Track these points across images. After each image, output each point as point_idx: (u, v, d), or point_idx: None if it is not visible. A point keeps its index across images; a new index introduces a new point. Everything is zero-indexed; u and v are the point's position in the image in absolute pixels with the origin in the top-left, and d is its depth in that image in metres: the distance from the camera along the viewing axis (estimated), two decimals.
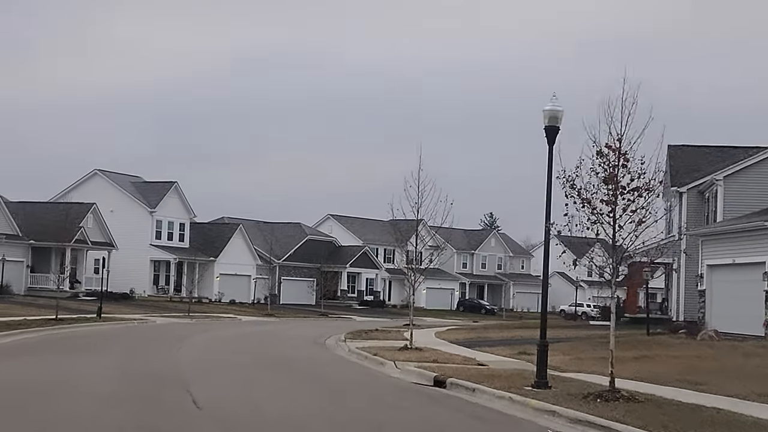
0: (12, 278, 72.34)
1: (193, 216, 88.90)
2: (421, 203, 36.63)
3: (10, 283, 68.60)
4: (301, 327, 60.80)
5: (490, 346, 38.63)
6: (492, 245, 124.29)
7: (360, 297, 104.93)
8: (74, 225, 76.45)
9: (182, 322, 57.82)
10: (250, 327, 56.21)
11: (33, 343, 34.32)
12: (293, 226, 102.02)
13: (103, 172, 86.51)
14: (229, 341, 39.87)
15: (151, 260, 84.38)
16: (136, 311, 64.97)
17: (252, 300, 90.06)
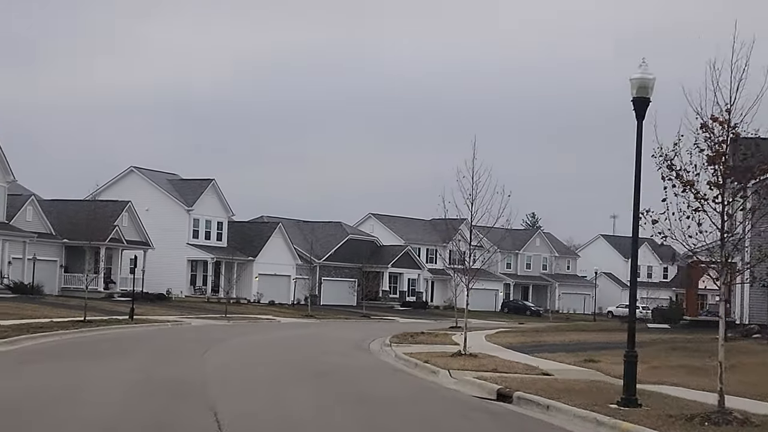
0: (45, 278, 69.74)
1: (231, 214, 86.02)
2: (476, 194, 32.80)
3: (42, 284, 65.98)
4: (342, 329, 57.61)
5: (549, 351, 35.16)
6: (537, 245, 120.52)
7: (402, 298, 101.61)
8: (109, 223, 73.80)
9: (218, 324, 54.81)
10: (289, 330, 53.09)
11: (55, 347, 31.35)
12: (334, 225, 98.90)
13: (138, 169, 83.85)
14: (265, 346, 36.69)
15: (188, 260, 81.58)
16: (171, 312, 62.08)
17: (291, 301, 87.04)
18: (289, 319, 67.29)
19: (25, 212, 69.62)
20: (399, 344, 39.61)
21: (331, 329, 56.74)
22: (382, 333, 53.38)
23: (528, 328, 63.71)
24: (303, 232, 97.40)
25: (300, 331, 51.25)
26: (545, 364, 28.90)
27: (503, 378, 24.17)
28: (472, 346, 39.10)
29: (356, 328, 61.36)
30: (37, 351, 29.47)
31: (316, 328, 58.32)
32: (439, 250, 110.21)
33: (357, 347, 39.56)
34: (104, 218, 74.22)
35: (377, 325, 68.80)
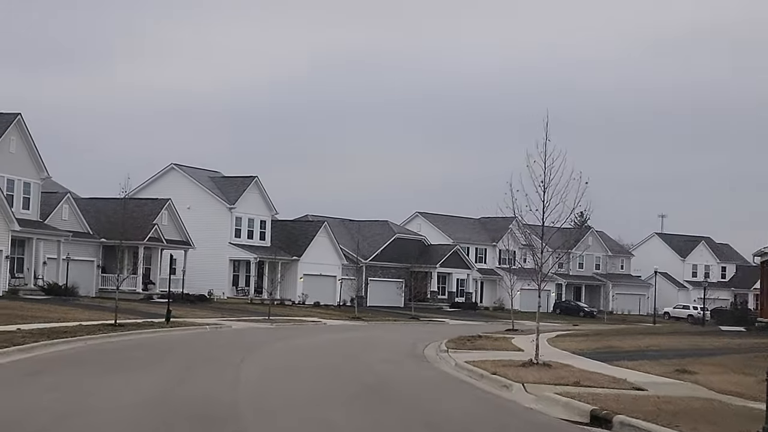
0: (81, 279, 66.45)
1: (275, 213, 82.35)
2: (549, 181, 28.61)
3: (77, 285, 62.61)
4: (392, 332, 53.68)
5: (628, 359, 30.91)
6: (589, 244, 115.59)
7: (451, 299, 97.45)
8: (148, 222, 70.46)
9: (261, 328, 51.09)
10: (336, 333, 49.22)
11: (74, 356, 27.69)
12: (380, 224, 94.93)
13: (179, 166, 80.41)
14: (309, 352, 32.78)
15: (230, 260, 78.00)
16: (212, 315, 58.48)
17: (337, 302, 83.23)
18: (335, 322, 63.49)
19: (61, 210, 66.41)
20: (457, 350, 35.62)
21: (380, 332, 52.84)
22: (435, 337, 49.47)
23: (589, 331, 59.41)
24: (349, 231, 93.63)
25: (347, 335, 47.37)
26: (631, 376, 24.74)
27: (591, 395, 20.10)
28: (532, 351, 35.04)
29: (406, 330, 57.43)
30: (51, 360, 25.80)
31: (364, 330, 54.45)
32: (489, 250, 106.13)
33: (411, 354, 35.60)
34: (143, 217, 70.94)
35: (427, 327, 64.83)
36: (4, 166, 59.25)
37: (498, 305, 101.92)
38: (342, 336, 46.13)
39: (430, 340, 45.73)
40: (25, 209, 61.39)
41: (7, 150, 59.94)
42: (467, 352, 34.63)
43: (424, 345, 41.20)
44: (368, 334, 49.59)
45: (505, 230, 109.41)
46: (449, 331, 59.03)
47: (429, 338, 47.78)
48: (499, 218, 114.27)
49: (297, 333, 47.18)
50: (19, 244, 60.62)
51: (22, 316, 42.87)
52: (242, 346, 33.56)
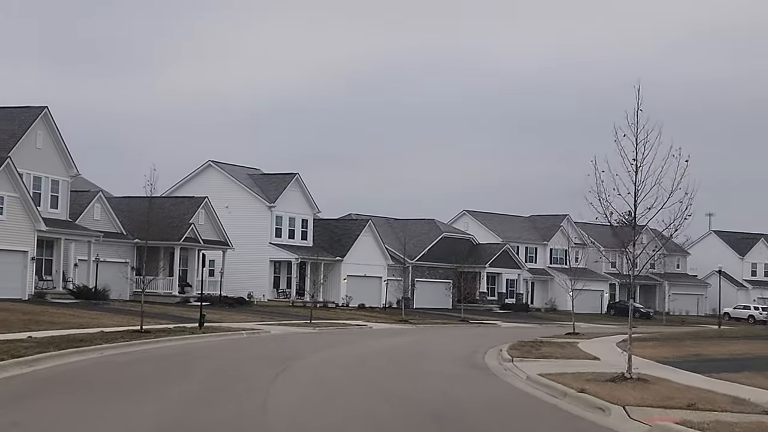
0: (114, 281, 62.48)
1: (317, 211, 77.98)
2: (643, 158, 23.87)
3: (109, 287, 58.52)
4: (443, 337, 49.08)
5: (729, 370, 26.12)
6: (643, 242, 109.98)
7: (501, 300, 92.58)
8: (184, 222, 66.43)
9: (302, 333, 46.71)
10: (383, 338, 44.65)
11: (81, 371, 23.44)
12: (427, 223, 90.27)
13: (217, 163, 76.29)
14: (356, 364, 28.24)
15: (270, 260, 73.71)
16: (250, 318, 54.24)
17: (383, 304, 78.72)
18: (381, 325, 58.99)
19: (93, 210, 62.51)
20: (522, 358, 30.98)
21: (431, 337, 48.24)
22: (491, 341, 44.89)
23: (657, 334, 54.36)
24: (394, 231, 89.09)
25: (396, 340, 42.82)
26: (751, 393, 20.00)
27: (718, 423, 15.48)
28: (613, 360, 30.35)
29: (458, 334, 52.81)
30: (49, 378, 21.49)
31: (414, 335, 49.89)
32: (539, 249, 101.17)
33: (470, 363, 31.02)
34: (179, 216, 66.96)
35: (480, 330, 60.16)
36: (31, 162, 55.37)
37: (550, 306, 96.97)
38: (391, 342, 41.60)
39: (487, 345, 41.16)
40: (54, 208, 57.51)
41: (34, 145, 56.08)
42: (535, 361, 30.04)
43: (483, 352, 36.67)
44: (419, 340, 45.04)
45: (556, 228, 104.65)
46: (504, 335, 54.37)
47: (485, 343, 43.21)
48: (550, 216, 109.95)
49: (341, 338, 42.73)
50: (47, 246, 56.76)
51: (41, 322, 38.84)
52: (279, 357, 29.11)
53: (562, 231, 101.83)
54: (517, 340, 42.10)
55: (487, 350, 38.05)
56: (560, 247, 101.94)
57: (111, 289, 58.58)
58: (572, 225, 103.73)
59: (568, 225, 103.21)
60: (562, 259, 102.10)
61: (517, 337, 50.14)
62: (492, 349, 38.40)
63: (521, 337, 49.35)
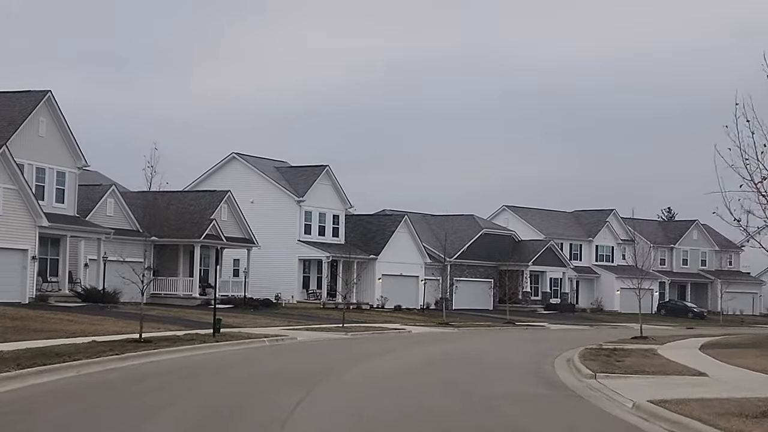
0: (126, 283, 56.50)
1: (349, 206, 71.59)
2: None
3: (120, 289, 52.36)
4: (494, 342, 42.54)
5: None
6: (694, 238, 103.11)
7: (545, 300, 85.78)
8: (204, 217, 60.33)
9: (332, 339, 40.40)
10: (427, 346, 38.16)
11: (30, 401, 17.22)
12: (465, 219, 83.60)
13: (241, 155, 70.07)
14: (398, 385, 21.73)
15: (299, 259, 67.37)
16: (276, 323, 48.04)
17: (420, 305, 72.24)
18: (421, 329, 52.57)
19: (105, 205, 56.50)
20: (606, 373, 24.41)
21: (481, 343, 41.68)
22: (551, 347, 38.55)
23: (738, 338, 47.47)
24: (431, 227, 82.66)
25: (442, 348, 36.36)
26: None
27: None
28: (724, 376, 23.80)
29: (509, 339, 46.28)
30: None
31: (459, 340, 43.37)
32: (584, 245, 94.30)
33: (542, 379, 24.54)
34: (199, 211, 60.91)
35: (530, 334, 53.62)
36: (33, 152, 49.45)
37: (596, 307, 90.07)
38: (436, 350, 35.13)
39: (549, 353, 34.79)
40: (59, 202, 51.54)
41: (36, 133, 50.13)
42: (624, 378, 23.52)
43: (549, 362, 30.26)
44: (467, 346, 38.53)
45: (602, 224, 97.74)
46: (560, 339, 47.84)
47: (545, 350, 36.79)
48: (595, 211, 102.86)
49: (378, 346, 36.32)
50: (52, 244, 50.83)
51: (27, 330, 32.86)
52: (302, 375, 22.74)
53: (608, 227, 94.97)
54: (582, 347, 35.66)
55: (555, 359, 31.65)
56: (606, 244, 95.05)
57: (123, 291, 52.42)
58: (619, 220, 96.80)
59: (614, 220, 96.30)
60: (608, 256, 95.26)
61: (576, 341, 43.72)
62: (558, 359, 31.97)
63: (580, 341, 42.93)
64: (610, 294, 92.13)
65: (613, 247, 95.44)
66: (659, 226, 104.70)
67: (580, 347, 38.59)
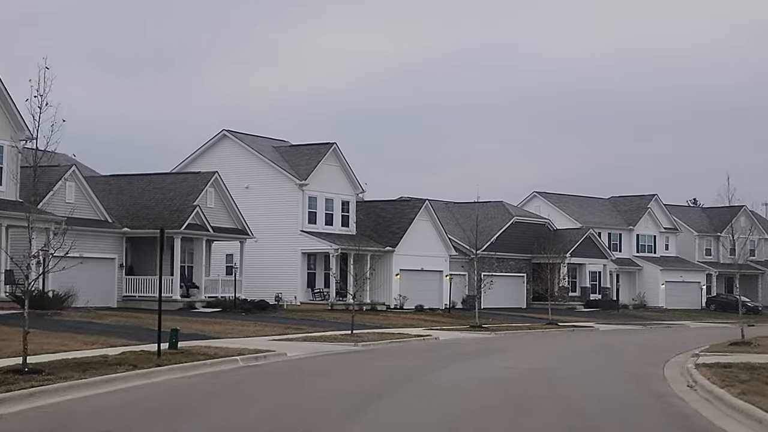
0: (97, 283, 45.48)
1: (360, 191, 60.06)
2: None
3: (74, 292, 41.00)
4: (553, 354, 31.07)
5: None
6: (741, 225, 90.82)
7: (584, 296, 74.20)
8: (186, 204, 49.03)
9: (337, 354, 29.17)
10: (466, 362, 26.65)
11: None
12: (494, 206, 71.89)
13: (233, 133, 58.59)
14: None
15: (302, 253, 55.84)
16: (268, 330, 36.81)
17: (445, 305, 60.73)
18: (450, 334, 41.24)
19: (64, 189, 45.27)
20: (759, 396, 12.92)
21: (537, 355, 30.11)
22: (634, 359, 27.67)
23: None
24: (454, 216, 71.29)
25: (489, 366, 24.93)
26: None
27: None
28: None
29: (567, 347, 34.79)
30: None
31: (506, 351, 31.90)
32: (624, 235, 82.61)
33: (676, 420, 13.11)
34: (180, 197, 49.64)
35: (586, 339, 42.17)
36: None
37: (639, 302, 78.41)
38: (482, 370, 23.71)
39: (642, 369, 23.66)
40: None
41: None
42: None
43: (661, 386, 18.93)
44: (521, 361, 27.03)
45: (643, 210, 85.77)
46: (627, 345, 36.53)
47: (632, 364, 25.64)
48: (635, 197, 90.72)
49: (397, 365, 24.95)
50: None
51: None
52: None
53: (650, 213, 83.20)
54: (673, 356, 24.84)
55: (666, 383, 20.34)
56: (648, 233, 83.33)
57: (78, 294, 41.14)
58: (661, 206, 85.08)
59: (656, 207, 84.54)
60: (650, 246, 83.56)
61: (651, 348, 32.89)
62: (671, 381, 20.67)
63: (657, 349, 32.17)
64: (654, 288, 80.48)
65: (655, 237, 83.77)
66: (703, 212, 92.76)
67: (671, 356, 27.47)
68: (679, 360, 27.27)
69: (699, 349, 31.49)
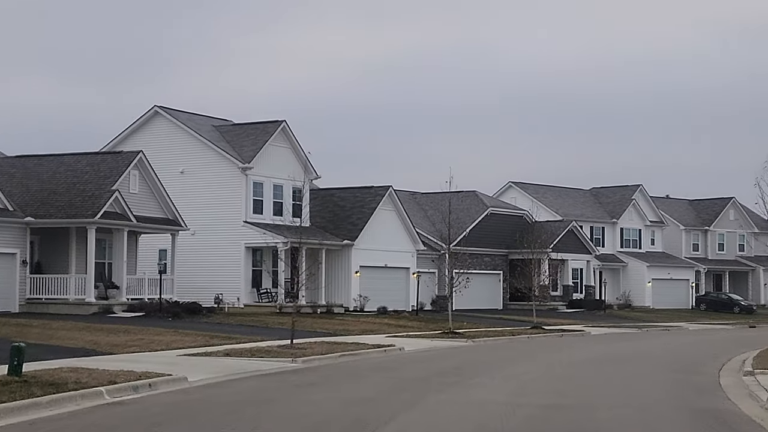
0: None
1: (315, 176, 51.51)
2: None
3: None
4: (556, 371, 22.86)
5: None
6: (730, 219, 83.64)
7: (567, 295, 66.18)
8: (103, 189, 40.41)
9: (264, 375, 21.00)
10: (443, 394, 18.34)
11: None
12: (466, 196, 63.52)
13: (166, 110, 49.85)
14: None
15: (246, 247, 47.27)
16: (187, 341, 28.55)
17: (412, 306, 52.40)
18: (419, 343, 33.02)
19: None
20: None
21: (534, 374, 21.85)
22: (669, 371, 19.41)
23: None
24: (422, 208, 63.15)
25: (478, 396, 16.70)
26: None
27: None
28: None
29: (568, 358, 26.56)
30: None
31: (495, 369, 23.66)
32: (607, 228, 74.73)
33: None
34: (96, 181, 41.04)
35: (587, 346, 34.15)
36: None
37: (624, 302, 70.49)
38: (472, 399, 15.49)
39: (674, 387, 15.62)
40: None
41: None
42: None
43: None
44: (525, 384, 18.81)
45: (627, 202, 77.90)
46: (631, 353, 28.55)
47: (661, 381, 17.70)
48: (618, 187, 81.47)
49: (344, 399, 16.76)
50: None
51: None
52: None
53: (635, 205, 75.40)
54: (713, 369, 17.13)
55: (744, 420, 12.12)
56: (633, 227, 75.56)
57: None
58: (647, 198, 77.32)
59: (641, 198, 76.79)
60: (635, 241, 75.77)
61: (678, 360, 24.78)
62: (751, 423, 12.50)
63: (683, 360, 24.02)
64: (639, 286, 72.72)
65: (641, 230, 76.02)
66: (689, 205, 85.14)
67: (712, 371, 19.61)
68: (732, 381, 19.27)
69: (734, 359, 23.67)
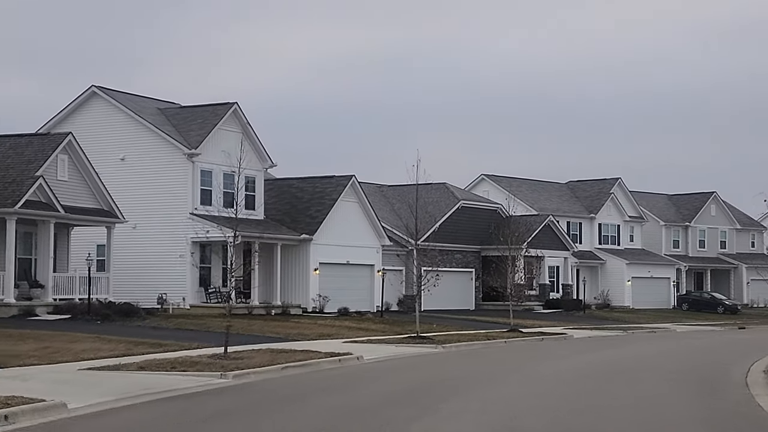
0: None
1: (270, 164, 46.71)
2: None
3: None
4: (551, 379, 18.33)
5: None
6: (712, 215, 79.75)
7: (543, 294, 61.78)
8: (26, 175, 35.46)
9: (186, 395, 16.24)
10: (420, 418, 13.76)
11: None
12: (436, 189, 58.88)
13: (105, 90, 44.84)
14: None
15: (192, 242, 42.36)
16: (108, 349, 23.98)
17: (377, 307, 47.72)
18: (381, 350, 28.45)
19: None
20: None
21: (533, 390, 17.30)
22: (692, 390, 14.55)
23: None
24: (389, 201, 58.57)
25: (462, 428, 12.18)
26: None
27: None
28: None
29: (559, 368, 22.05)
30: None
31: (471, 383, 19.19)
32: (584, 224, 70.50)
33: None
34: (18, 166, 36.11)
35: (575, 353, 29.80)
36: None
37: (602, 302, 66.30)
38: None
39: None
40: None
41: None
42: None
43: None
44: (514, 414, 14.26)
45: (605, 196, 73.63)
46: (633, 362, 24.24)
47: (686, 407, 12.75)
48: (596, 181, 75.72)
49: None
50: None
51: None
52: None
53: (614, 200, 71.22)
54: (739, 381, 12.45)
55: None
56: (611, 222, 71.37)
57: None
58: (626, 192, 73.18)
59: (620, 192, 72.62)
60: (614, 237, 71.62)
61: (691, 369, 20.73)
62: None
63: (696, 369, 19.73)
64: (618, 285, 68.56)
65: (620, 226, 71.89)
66: (669, 200, 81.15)
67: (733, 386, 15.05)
68: None
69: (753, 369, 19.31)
